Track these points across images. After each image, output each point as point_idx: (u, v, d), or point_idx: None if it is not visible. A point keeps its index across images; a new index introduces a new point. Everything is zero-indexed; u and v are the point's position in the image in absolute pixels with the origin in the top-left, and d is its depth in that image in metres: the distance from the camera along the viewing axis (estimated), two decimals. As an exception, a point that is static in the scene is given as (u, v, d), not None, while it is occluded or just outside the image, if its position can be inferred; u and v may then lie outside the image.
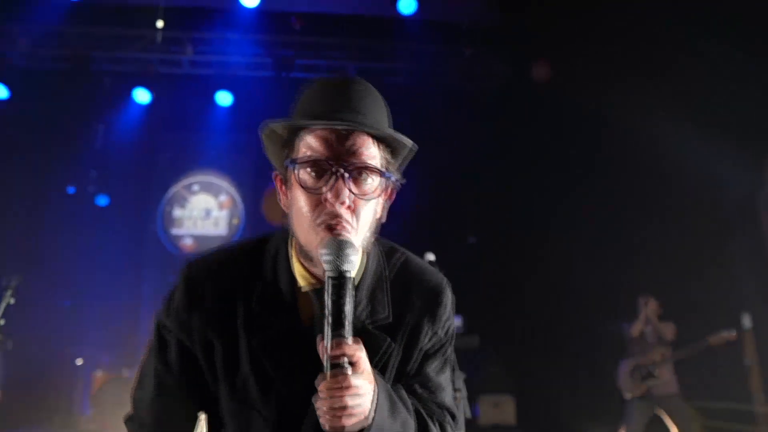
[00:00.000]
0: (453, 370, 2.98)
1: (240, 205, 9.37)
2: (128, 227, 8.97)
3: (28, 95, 8.42)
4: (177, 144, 9.36)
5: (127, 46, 8.40)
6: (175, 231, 9.29)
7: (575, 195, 7.60)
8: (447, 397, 1.27)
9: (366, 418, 0.99)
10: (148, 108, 8.90)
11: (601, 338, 5.36)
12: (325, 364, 0.96)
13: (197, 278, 1.19)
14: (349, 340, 0.97)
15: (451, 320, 1.29)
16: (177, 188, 9.41)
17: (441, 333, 1.26)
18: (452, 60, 8.55)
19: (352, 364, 0.96)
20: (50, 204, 8.56)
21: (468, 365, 7.35)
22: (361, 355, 0.98)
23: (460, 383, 2.83)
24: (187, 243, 9.24)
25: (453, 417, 1.27)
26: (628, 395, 5.13)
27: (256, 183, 9.04)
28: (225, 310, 1.16)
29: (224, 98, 8.70)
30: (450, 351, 1.31)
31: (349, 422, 0.96)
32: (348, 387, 0.95)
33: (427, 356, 1.25)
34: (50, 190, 8.64)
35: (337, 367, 0.95)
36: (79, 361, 7.07)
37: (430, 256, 3.30)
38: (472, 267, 7.86)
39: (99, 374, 7.04)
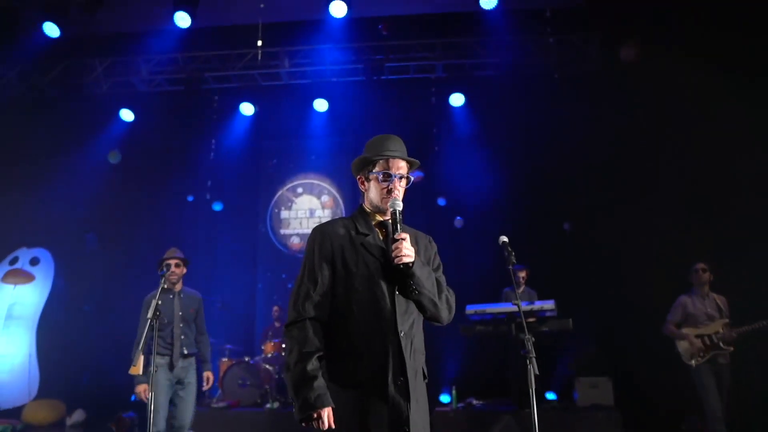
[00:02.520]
0: (524, 334, 3.28)
1: (341, 204, 9.92)
2: (242, 229, 9.79)
3: (150, 117, 9.41)
4: (280, 150, 10.09)
5: (232, 65, 9.17)
6: (284, 231, 10.01)
7: (670, 177, 7.49)
8: (445, 284, 2.53)
9: (413, 260, 2.27)
10: (253, 119, 9.66)
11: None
12: (393, 240, 2.30)
13: (322, 227, 2.47)
14: (401, 233, 2.32)
15: (437, 252, 2.62)
16: (282, 191, 10.12)
17: (436, 258, 2.59)
18: (538, 48, 8.57)
19: (403, 239, 2.28)
20: (173, 211, 9.49)
21: (564, 348, 7.54)
22: (407, 236, 2.32)
23: (529, 345, 3.18)
24: (295, 242, 9.92)
25: (449, 290, 2.54)
26: (692, 362, 5.22)
27: (354, 182, 9.48)
28: (338, 237, 2.39)
29: (320, 105, 9.24)
30: (440, 266, 2.60)
31: (405, 259, 2.24)
32: (403, 245, 2.26)
33: (434, 269, 2.52)
34: (172, 199, 9.57)
35: (397, 242, 2.28)
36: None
37: (504, 238, 3.62)
38: (567, 252, 7.96)
39: (224, 361, 7.82)
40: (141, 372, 3.27)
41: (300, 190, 10.15)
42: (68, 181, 8.98)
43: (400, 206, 2.34)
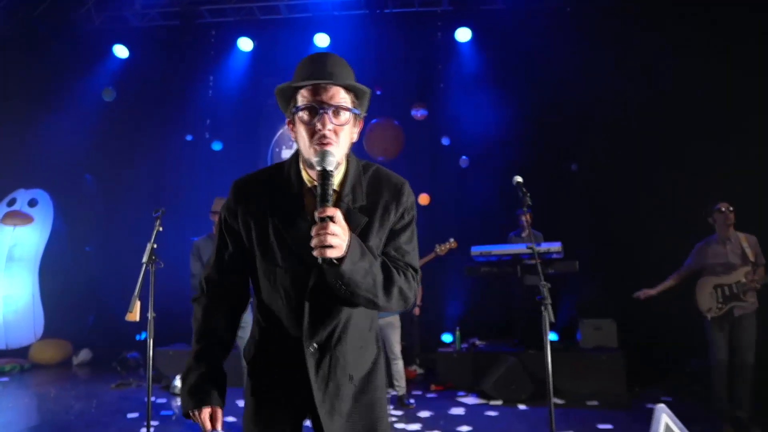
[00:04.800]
0: (540, 280, 3.19)
1: (343, 142, 9.71)
2: (241, 169, 9.56)
3: (145, 53, 9.10)
4: (280, 88, 9.77)
5: (228, -3, 8.79)
6: (285, 171, 9.83)
7: (686, 114, 7.26)
8: (413, 259, 1.83)
9: (343, 253, 1.52)
10: (252, 55, 9.33)
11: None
12: (316, 221, 1.49)
13: (241, 185, 1.84)
14: (329, 206, 1.51)
15: (411, 207, 1.84)
16: (283, 130, 9.88)
17: (405, 215, 1.82)
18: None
19: (331, 219, 1.48)
20: (171, 151, 9.31)
21: (569, 289, 7.53)
22: (337, 214, 1.50)
23: (545, 292, 3.09)
24: (296, 181, 9.75)
25: (416, 271, 1.82)
26: (708, 315, 4.94)
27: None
28: (258, 202, 1.77)
29: (322, 40, 8.90)
30: (414, 230, 1.86)
31: (330, 253, 1.48)
32: (328, 230, 1.47)
33: (397, 232, 1.81)
34: (171, 139, 9.35)
35: (322, 221, 1.48)
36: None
37: (518, 178, 3.50)
38: (574, 193, 7.83)
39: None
40: (138, 319, 3.18)
41: (301, 128, 9.90)
42: (64, 121, 8.79)
43: (331, 163, 1.57)
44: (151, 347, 3.32)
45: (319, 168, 1.57)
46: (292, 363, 1.79)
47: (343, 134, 1.70)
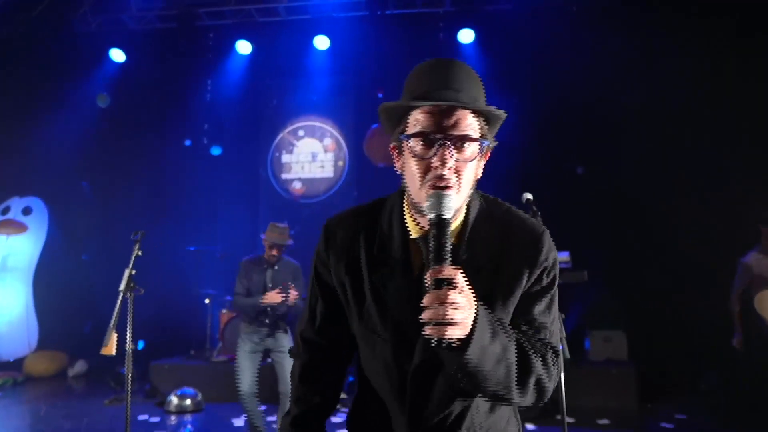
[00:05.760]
0: (571, 320, 2.95)
1: (344, 147, 9.51)
2: (242, 174, 9.44)
3: (142, 57, 8.93)
4: (280, 91, 9.60)
5: (226, 0, 8.59)
6: (285, 175, 9.64)
7: (690, 119, 7.03)
8: (551, 336, 1.39)
9: (468, 333, 1.13)
10: (250, 58, 9.14)
11: (716, 272, 4.97)
12: (429, 286, 1.10)
13: (333, 229, 1.50)
14: (447, 266, 1.12)
15: (551, 265, 1.39)
16: (283, 134, 9.70)
17: (543, 277, 1.38)
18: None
19: (450, 283, 1.09)
20: (170, 156, 9.13)
21: (578, 300, 7.29)
22: (459, 277, 1.11)
23: (560, 323, 2.82)
24: (297, 186, 9.57)
25: (556, 354, 1.37)
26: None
27: (357, 124, 9.13)
28: (353, 253, 1.43)
29: (321, 42, 8.71)
30: (554, 295, 1.41)
31: (451, 333, 1.09)
32: (448, 300, 1.08)
33: (531, 298, 1.37)
34: (169, 144, 9.18)
35: (438, 287, 1.09)
36: (207, 301, 7.69)
37: (528, 195, 3.24)
38: (580, 198, 7.59)
39: (224, 312, 7.62)
40: (114, 353, 2.96)
41: (301, 132, 9.71)
42: (59, 127, 8.62)
43: (450, 208, 1.22)
44: (130, 382, 3.10)
45: (432, 215, 1.20)
46: None
47: (466, 173, 1.30)
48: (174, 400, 6.06)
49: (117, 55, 8.92)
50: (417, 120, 1.28)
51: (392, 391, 1.43)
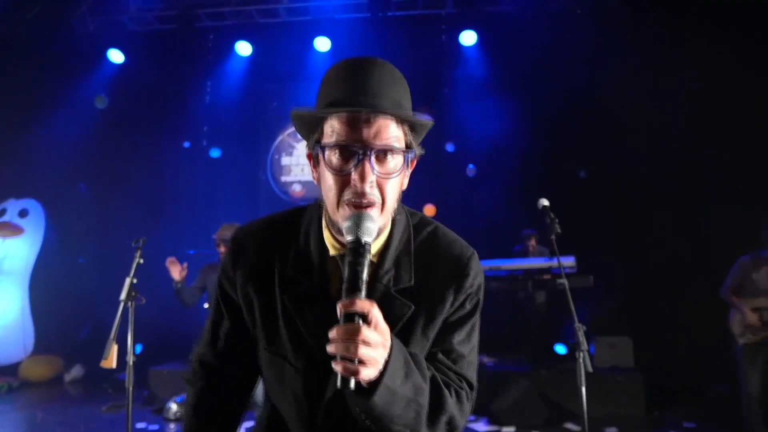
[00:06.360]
0: (572, 323, 2.86)
1: (344, 150, 9.42)
2: (241, 177, 9.34)
3: (141, 58, 8.82)
4: (280, 93, 9.49)
5: (227, 1, 8.50)
6: (284, 178, 9.55)
7: (694, 122, 6.96)
8: (468, 368, 1.31)
9: (378, 374, 1.03)
10: (251, 60, 9.05)
11: (722, 278, 4.86)
12: (340, 318, 1.00)
13: (241, 241, 1.34)
14: (362, 297, 1.02)
15: (477, 292, 1.30)
16: (283, 136, 9.61)
17: (466, 303, 1.29)
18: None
19: (364, 318, 0.99)
20: (168, 159, 9.01)
21: (583, 306, 7.18)
22: (374, 311, 1.01)
23: (581, 335, 2.72)
24: (296, 189, 9.48)
25: (471, 388, 1.29)
26: (740, 340, 4.56)
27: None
28: (263, 269, 1.28)
29: (322, 44, 8.62)
30: (475, 323, 1.32)
31: (359, 373, 0.99)
32: (359, 337, 0.97)
33: (452, 326, 1.28)
34: (168, 146, 9.07)
35: (350, 320, 0.99)
36: (206, 305, 7.56)
37: (545, 202, 3.15)
38: (584, 202, 7.51)
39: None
40: (114, 365, 2.85)
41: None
42: (57, 129, 8.51)
43: (370, 232, 1.11)
44: (132, 395, 2.99)
45: (350, 238, 1.08)
46: None
47: (390, 188, 1.16)
48: (173, 407, 5.94)
49: (116, 56, 8.82)
50: (333, 129, 1.14)
51: (301, 422, 1.30)
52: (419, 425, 1.15)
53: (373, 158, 1.13)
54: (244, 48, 8.84)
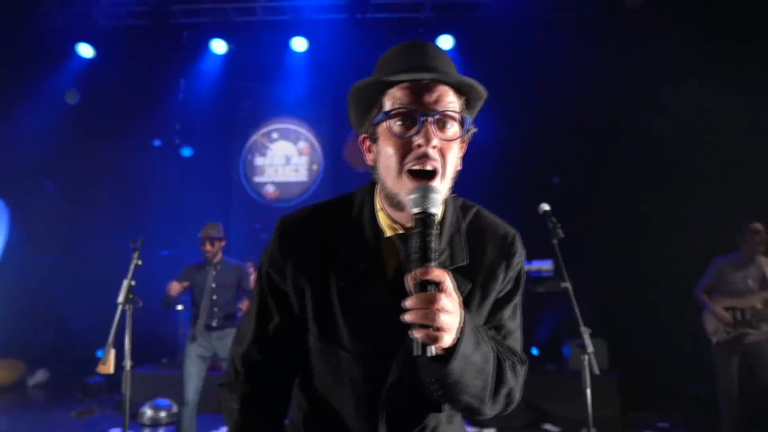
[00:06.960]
0: (578, 326, 2.90)
1: (319, 151, 9.38)
2: (213, 177, 9.19)
3: (112, 53, 8.60)
4: (255, 93, 9.39)
5: (202, -3, 8.37)
6: (258, 179, 9.45)
7: (674, 128, 7.12)
8: (516, 342, 1.35)
9: (453, 342, 1.03)
10: (225, 58, 8.93)
11: (697, 280, 4.99)
12: (413, 288, 0.99)
13: (290, 229, 1.31)
14: (434, 266, 1.01)
15: (522, 269, 1.34)
16: (256, 137, 9.51)
17: (513, 280, 1.33)
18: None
19: (439, 287, 0.99)
20: (139, 157, 8.79)
21: (558, 308, 7.30)
22: (448, 280, 1.01)
23: (587, 338, 2.76)
24: (270, 190, 9.39)
25: (522, 362, 1.32)
26: (714, 338, 4.66)
27: (333, 127, 9.01)
28: (315, 256, 1.26)
29: (299, 44, 8.57)
30: (519, 300, 1.36)
31: (440, 339, 0.99)
32: (438, 304, 0.98)
33: (501, 302, 1.31)
34: (138, 144, 8.86)
35: (423, 289, 0.99)
36: (180, 307, 7.41)
37: (546, 207, 3.18)
38: (557, 208, 7.60)
39: (198, 319, 7.35)
40: (112, 371, 2.76)
41: (275, 135, 9.55)
42: (22, 124, 8.24)
43: (436, 202, 1.08)
44: (128, 403, 2.89)
45: (417, 210, 1.06)
46: None
47: (451, 156, 1.18)
48: (148, 411, 5.81)
49: (85, 50, 8.58)
50: (395, 98, 1.17)
51: (357, 416, 1.27)
52: (485, 396, 1.16)
53: (434, 124, 1.15)
54: (219, 46, 8.71)
